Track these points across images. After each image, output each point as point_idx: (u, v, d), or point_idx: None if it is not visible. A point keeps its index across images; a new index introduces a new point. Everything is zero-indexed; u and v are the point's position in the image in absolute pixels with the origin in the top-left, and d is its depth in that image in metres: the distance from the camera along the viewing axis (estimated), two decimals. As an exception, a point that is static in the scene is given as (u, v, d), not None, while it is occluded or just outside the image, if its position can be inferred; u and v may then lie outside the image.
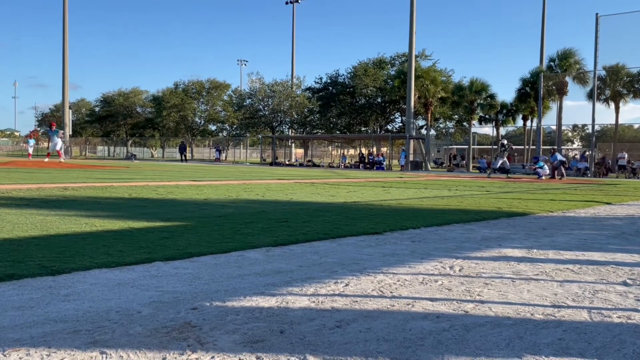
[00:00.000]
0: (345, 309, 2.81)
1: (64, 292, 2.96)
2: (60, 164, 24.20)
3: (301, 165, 42.42)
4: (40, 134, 79.79)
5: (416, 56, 39.56)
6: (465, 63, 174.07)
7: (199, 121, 61.47)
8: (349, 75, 50.01)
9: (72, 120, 55.70)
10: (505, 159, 26.25)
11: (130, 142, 66.31)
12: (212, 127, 64.44)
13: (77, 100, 74.50)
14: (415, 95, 37.65)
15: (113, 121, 65.34)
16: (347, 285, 3.33)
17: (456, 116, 47.03)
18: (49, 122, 32.23)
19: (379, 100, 48.42)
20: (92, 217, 6.01)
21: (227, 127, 62.05)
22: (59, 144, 27.27)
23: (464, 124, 45.45)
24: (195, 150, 62.42)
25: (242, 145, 61.64)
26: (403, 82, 38.82)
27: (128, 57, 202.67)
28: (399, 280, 3.48)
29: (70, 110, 53.69)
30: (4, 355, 2.06)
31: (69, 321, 2.48)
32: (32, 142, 37.64)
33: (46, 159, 26.72)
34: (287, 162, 45.18)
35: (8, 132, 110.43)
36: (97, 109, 69.35)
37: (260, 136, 53.64)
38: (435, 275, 3.68)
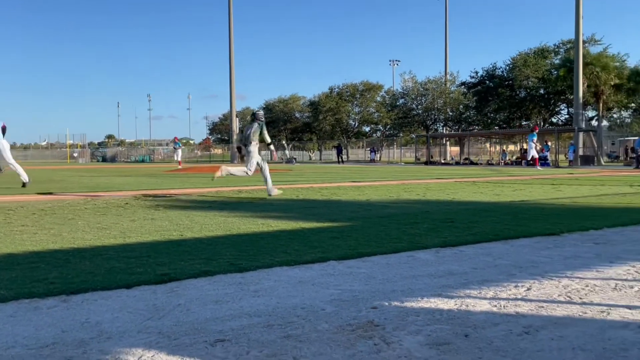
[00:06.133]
0: (531, 315, 2.67)
1: (253, 288, 3.19)
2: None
3: (457, 163, 41.26)
4: (211, 141, 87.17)
5: (584, 42, 36.42)
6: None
7: (353, 123, 62.76)
8: (507, 68, 47.59)
9: (239, 128, 60.04)
10: None
11: (290, 146, 69.78)
12: (366, 129, 65.44)
13: (243, 109, 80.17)
14: (583, 84, 34.66)
15: (274, 127, 69.25)
16: (529, 289, 3.16)
17: (633, 104, 42.43)
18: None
19: (542, 91, 45.38)
20: (267, 218, 6.42)
21: (381, 127, 62.59)
22: (179, 153, 33.48)
23: (643, 112, 40.87)
24: (350, 151, 63.80)
25: (395, 145, 61.69)
26: (569, 70, 35.95)
27: (286, 66, 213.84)
28: (587, 286, 3.23)
29: (237, 119, 57.95)
30: (212, 346, 2.27)
31: (262, 315, 2.67)
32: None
33: (179, 166, 30.67)
34: (442, 161, 44.24)
35: (184, 141, 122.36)
36: (259, 116, 73.97)
37: (414, 135, 53.22)
38: (629, 281, 3.35)
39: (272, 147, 10.00)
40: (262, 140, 9.72)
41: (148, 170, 27.09)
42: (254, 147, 9.66)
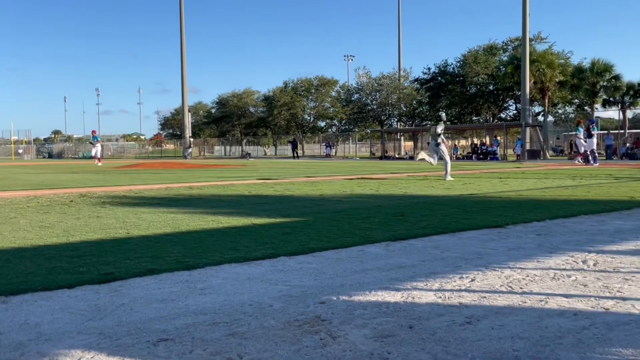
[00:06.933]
0: (473, 305, 2.74)
1: (200, 286, 3.15)
2: (177, 164, 26.28)
3: (411, 158, 41.89)
4: (163, 137, 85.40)
5: (531, 39, 37.57)
6: (585, 43, 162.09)
7: (309, 118, 62.78)
8: (458, 64, 48.54)
9: (192, 123, 59.12)
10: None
11: (244, 141, 69.18)
12: (322, 124, 65.53)
13: (196, 103, 79.20)
14: (530, 80, 35.71)
15: (228, 122, 68.46)
16: (473, 280, 3.24)
17: (576, 100, 44.05)
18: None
19: (491, 88, 46.51)
20: (217, 215, 6.35)
21: (336, 122, 62.80)
22: (98, 149, 30.55)
23: (586, 108, 42.48)
24: (305, 146, 63.80)
25: (351, 140, 62.12)
26: (517, 67, 36.96)
27: (240, 59, 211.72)
28: (528, 276, 3.33)
29: (190, 113, 57.04)
30: (154, 345, 2.23)
31: (208, 313, 2.64)
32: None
33: (99, 163, 29.01)
34: (396, 156, 44.82)
35: (135, 136, 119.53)
36: (213, 111, 73.05)
37: (369, 130, 53.67)
38: (567, 270, 3.48)
39: (442, 138, 13.01)
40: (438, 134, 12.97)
41: (96, 167, 26.36)
42: (442, 142, 12.97)
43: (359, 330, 2.39)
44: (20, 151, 66.81)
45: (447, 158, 12.93)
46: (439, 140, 12.94)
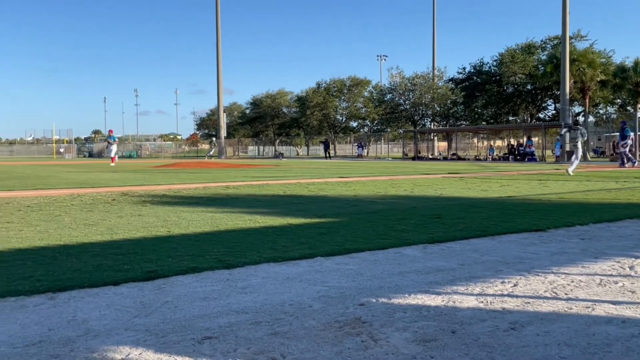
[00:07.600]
0: (517, 311, 2.69)
1: (241, 285, 3.19)
2: (213, 164, 26.48)
3: (445, 158, 41.43)
4: (199, 137, 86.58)
5: (570, 38, 36.66)
6: (628, 41, 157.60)
7: (341, 118, 62.74)
8: (494, 63, 47.75)
9: (227, 123, 59.74)
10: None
11: (277, 141, 69.59)
12: (354, 124, 65.41)
13: (231, 104, 79.89)
14: (570, 80, 34.86)
15: (262, 122, 69.01)
16: (515, 285, 3.19)
17: (619, 100, 42.80)
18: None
19: (529, 87, 45.61)
20: (254, 214, 6.41)
21: (368, 123, 62.61)
22: (114, 149, 29.29)
23: (629, 108, 41.24)
24: (337, 147, 63.77)
25: (383, 141, 61.82)
26: (556, 66, 36.12)
27: (274, 61, 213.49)
28: (572, 281, 3.26)
29: (225, 114, 57.64)
30: (199, 343, 2.26)
31: (250, 312, 2.67)
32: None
33: (112, 163, 27.91)
34: (430, 156, 44.38)
35: (172, 136, 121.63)
36: (247, 111, 73.73)
37: (401, 131, 53.29)
38: (613, 277, 3.39)
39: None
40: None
41: (135, 166, 26.91)
42: (580, 144, 16.17)
43: (400, 333, 2.37)
44: (61, 150, 68.75)
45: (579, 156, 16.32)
46: (579, 143, 16.15)
